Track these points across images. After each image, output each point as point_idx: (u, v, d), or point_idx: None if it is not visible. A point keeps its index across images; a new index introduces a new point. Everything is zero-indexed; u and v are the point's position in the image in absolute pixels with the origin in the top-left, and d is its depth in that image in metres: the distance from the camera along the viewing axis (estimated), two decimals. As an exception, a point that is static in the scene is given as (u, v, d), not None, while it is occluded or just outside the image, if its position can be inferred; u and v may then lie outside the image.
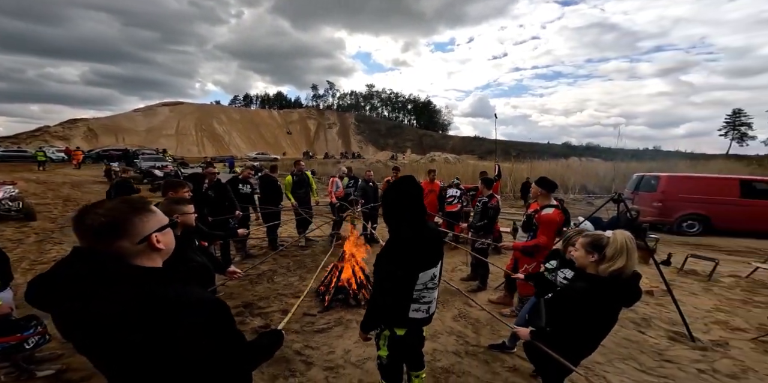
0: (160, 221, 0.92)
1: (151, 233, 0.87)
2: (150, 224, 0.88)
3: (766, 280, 4.54)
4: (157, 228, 0.89)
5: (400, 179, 1.63)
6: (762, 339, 2.93)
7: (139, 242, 0.85)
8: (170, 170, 14.98)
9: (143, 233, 0.86)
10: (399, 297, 1.57)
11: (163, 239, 0.90)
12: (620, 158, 19.97)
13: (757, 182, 8.04)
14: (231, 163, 24.95)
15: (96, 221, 0.81)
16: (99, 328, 0.76)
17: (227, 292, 3.81)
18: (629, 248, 1.53)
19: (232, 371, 0.93)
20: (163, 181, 6.02)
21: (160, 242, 0.89)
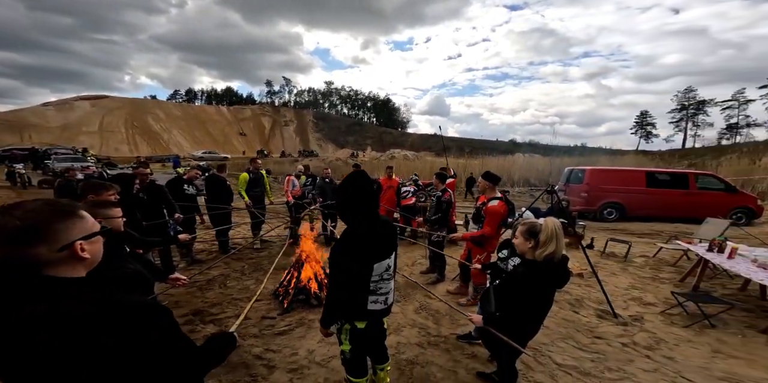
0: (88, 228, 0.85)
1: (74, 240, 0.79)
2: (75, 230, 0.81)
3: (669, 258, 5.36)
4: (83, 236, 0.82)
5: (353, 175, 1.66)
6: (668, 312, 3.42)
7: (60, 250, 0.77)
8: (93, 171, 13.23)
9: (66, 239, 0.78)
10: (356, 289, 1.60)
11: (89, 248, 0.83)
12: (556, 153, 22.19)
13: (658, 173, 9.47)
14: (176, 162, 22.83)
15: (10, 223, 0.72)
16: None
17: (171, 301, 3.54)
18: (558, 234, 1.74)
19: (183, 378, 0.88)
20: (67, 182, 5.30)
21: (85, 251, 0.81)
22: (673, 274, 4.64)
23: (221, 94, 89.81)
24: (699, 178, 9.04)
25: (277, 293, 3.63)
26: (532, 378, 2.36)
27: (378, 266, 1.61)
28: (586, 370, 2.46)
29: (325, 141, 74.47)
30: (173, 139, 58.75)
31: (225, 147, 58.25)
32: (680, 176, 9.18)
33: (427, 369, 2.45)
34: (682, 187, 8.84)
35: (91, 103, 57.12)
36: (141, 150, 48.10)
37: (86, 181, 2.40)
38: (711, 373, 2.46)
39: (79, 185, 2.22)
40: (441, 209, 4.23)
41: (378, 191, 6.36)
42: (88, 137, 48.37)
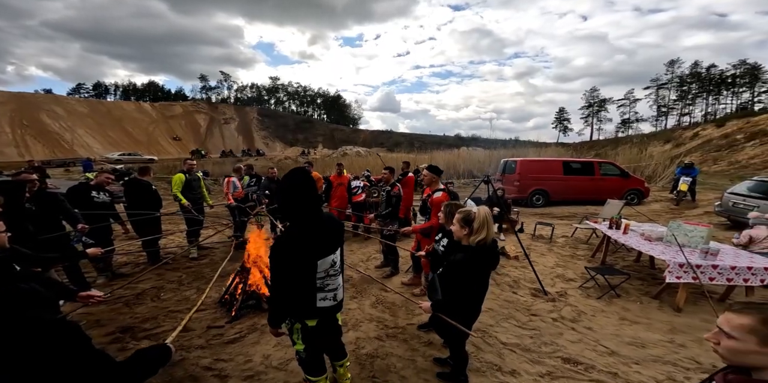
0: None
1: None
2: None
3: (582, 237, 6.22)
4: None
5: (293, 171, 1.63)
6: (584, 286, 3.89)
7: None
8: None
9: None
10: (301, 286, 1.59)
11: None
12: (494, 146, 24.09)
13: (572, 162, 10.89)
14: (87, 166, 19.51)
15: None
16: None
17: (91, 319, 3.13)
18: (488, 221, 1.92)
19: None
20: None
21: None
22: (586, 251, 5.40)
23: (142, 89, 79.34)
24: (602, 165, 10.60)
25: (223, 300, 3.41)
26: (482, 359, 2.56)
27: (322, 262, 1.60)
28: (527, 346, 2.75)
29: (272, 139, 70.32)
30: (79, 139, 50.18)
31: (151, 148, 51.69)
32: (587, 164, 10.67)
33: (387, 361, 2.53)
34: (589, 174, 10.30)
35: (-42, 96, 46.00)
36: (35, 153, 40.25)
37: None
38: (621, 339, 2.89)
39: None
40: (391, 204, 4.35)
41: (328, 188, 6.28)
42: (-44, 138, 39.01)
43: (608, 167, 10.70)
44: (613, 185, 10.00)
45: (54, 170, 20.12)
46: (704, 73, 51.82)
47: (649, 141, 26.74)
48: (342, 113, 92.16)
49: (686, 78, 53.71)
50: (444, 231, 2.61)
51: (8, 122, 45.97)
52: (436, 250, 2.58)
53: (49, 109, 52.44)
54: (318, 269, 1.59)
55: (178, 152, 52.59)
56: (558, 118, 70.76)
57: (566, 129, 69.95)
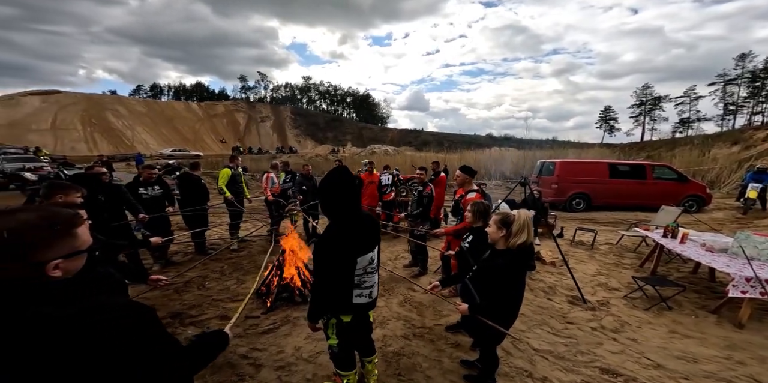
0: (77, 246, 0.77)
1: (51, 260, 0.71)
2: (60, 250, 0.73)
3: (630, 245, 5.78)
4: (65, 254, 0.74)
5: (336, 170, 1.68)
6: (630, 296, 3.66)
7: (29, 266, 0.69)
8: (48, 172, 12.28)
9: (44, 259, 0.70)
10: (340, 283, 1.64)
11: (65, 266, 0.74)
12: (529, 147, 23.01)
13: (619, 165, 10.11)
14: (139, 160, 21.52)
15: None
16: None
17: (148, 304, 3.41)
18: (528, 224, 1.87)
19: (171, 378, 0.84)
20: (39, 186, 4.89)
21: (58, 269, 0.73)
22: (633, 260, 5.01)
23: (191, 90, 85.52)
24: (655, 169, 9.74)
25: (260, 292, 3.59)
26: (512, 364, 2.49)
27: (361, 259, 1.65)
28: (561, 354, 2.63)
29: (303, 137, 72.83)
30: (138, 137, 55.27)
31: (197, 145, 55.66)
32: (638, 167, 9.85)
33: (413, 360, 2.54)
34: (640, 177, 9.49)
35: (41, 98, 52.42)
36: (102, 149, 44.87)
37: (51, 181, 2.25)
38: (669, 353, 2.68)
39: (43, 185, 2.08)
40: (422, 204, 4.33)
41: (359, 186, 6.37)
42: (39, 136, 44.52)
43: (663, 170, 9.82)
44: (667, 191, 9.16)
45: (117, 164, 22.35)
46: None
47: (713, 143, 24.10)
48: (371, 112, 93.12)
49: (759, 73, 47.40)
50: (471, 229, 2.62)
51: (80, 121, 51.75)
52: (462, 247, 2.56)
53: (114, 108, 58.28)
54: (357, 266, 1.64)
55: (220, 149, 56.09)
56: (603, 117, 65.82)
57: (612, 129, 64.91)
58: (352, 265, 1.63)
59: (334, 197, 1.64)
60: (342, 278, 1.63)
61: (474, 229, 2.62)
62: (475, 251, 2.43)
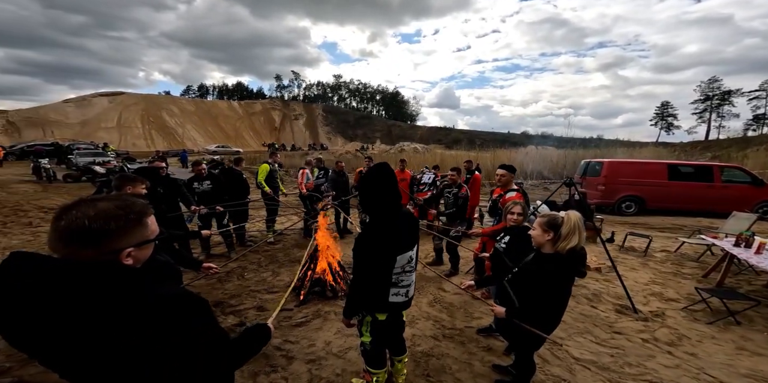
0: (147, 235, 0.80)
1: (125, 248, 0.75)
2: (132, 239, 0.77)
3: (691, 253, 5.20)
4: (136, 243, 0.78)
5: (377, 166, 1.66)
6: (691, 308, 3.33)
7: (105, 254, 0.73)
8: (114, 165, 13.65)
9: (118, 246, 0.74)
10: (379, 280, 1.62)
11: (136, 254, 0.78)
12: (570, 146, 21.54)
13: (681, 165, 9.14)
14: (184, 157, 23.18)
15: (77, 223, 0.69)
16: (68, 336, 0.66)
17: (194, 292, 3.66)
18: (580, 227, 1.71)
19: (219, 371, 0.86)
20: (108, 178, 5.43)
21: (130, 257, 0.77)
22: (695, 270, 4.50)
23: (232, 89, 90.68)
24: (724, 170, 8.67)
25: (294, 285, 3.70)
26: (549, 372, 2.35)
27: (401, 258, 1.62)
28: (605, 365, 2.44)
29: (334, 134, 74.49)
30: (187, 134, 59.85)
31: (237, 141, 59.02)
32: (704, 168, 8.82)
33: (442, 361, 2.47)
34: (706, 180, 8.50)
35: (108, 99, 58.48)
36: (157, 145, 49.29)
37: (122, 173, 2.49)
38: (735, 370, 2.39)
39: (114, 177, 2.31)
40: (457, 204, 4.21)
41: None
42: (106, 133, 49.76)
43: (733, 172, 8.72)
44: (739, 195, 8.12)
45: (170, 159, 24.31)
46: None
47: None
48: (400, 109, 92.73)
49: None
50: (507, 230, 2.51)
51: (140, 119, 57.03)
52: (497, 249, 2.44)
53: (168, 108, 63.48)
54: (396, 264, 1.61)
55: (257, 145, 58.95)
56: (659, 113, 59.85)
57: (671, 126, 58.86)
58: (391, 263, 1.60)
59: (375, 193, 1.62)
60: (380, 276, 1.61)
61: (510, 229, 2.49)
62: (513, 252, 2.31)
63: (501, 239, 2.51)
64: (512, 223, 2.50)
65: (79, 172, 13.71)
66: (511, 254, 2.31)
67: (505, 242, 2.45)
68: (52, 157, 18.09)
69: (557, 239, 1.74)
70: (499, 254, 2.45)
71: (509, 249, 2.36)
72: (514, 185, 3.34)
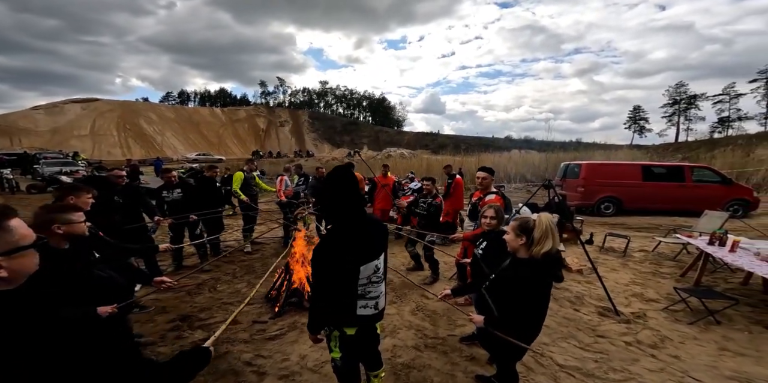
0: (12, 242, 0.73)
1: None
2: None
3: (668, 252, 5.30)
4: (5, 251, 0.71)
5: (338, 169, 1.55)
6: (671, 308, 3.32)
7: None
8: (83, 175, 13.01)
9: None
10: (342, 293, 1.50)
11: (9, 266, 0.71)
12: (551, 149, 22.09)
13: (654, 166, 9.44)
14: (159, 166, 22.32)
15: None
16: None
17: (158, 306, 3.43)
18: (552, 230, 1.64)
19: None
20: None
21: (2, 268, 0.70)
22: (673, 269, 4.56)
23: (215, 96, 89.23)
24: (695, 171, 9.01)
25: (270, 296, 3.52)
26: (533, 381, 2.27)
27: (365, 268, 1.49)
28: (590, 371, 2.37)
29: (320, 141, 74.14)
30: (167, 141, 58.17)
31: (220, 149, 57.86)
32: (676, 169, 9.15)
33: (424, 373, 2.35)
34: (678, 180, 8.80)
35: (81, 106, 56.34)
36: (134, 153, 47.55)
37: (65, 183, 2.29)
38: (719, 372, 2.37)
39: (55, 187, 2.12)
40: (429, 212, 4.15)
41: (372, 189, 6.25)
42: (79, 141, 47.80)
43: (704, 172, 9.07)
44: (710, 194, 8.42)
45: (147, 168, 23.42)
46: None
47: (758, 143, 22.26)
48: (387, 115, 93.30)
49: (807, 68, 43.73)
50: (484, 235, 2.44)
51: (115, 127, 55.10)
52: (475, 255, 2.37)
53: (146, 115, 61.71)
54: (360, 275, 1.49)
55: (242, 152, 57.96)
56: (633, 117, 62.64)
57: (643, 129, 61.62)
58: (354, 274, 1.48)
59: (335, 199, 1.50)
60: (343, 288, 1.49)
61: (486, 234, 2.42)
62: (490, 258, 2.24)
63: (479, 245, 2.43)
64: (487, 227, 2.43)
65: (44, 182, 13.01)
66: (487, 260, 2.24)
67: (482, 248, 2.37)
68: (15, 167, 17.09)
69: (531, 244, 1.67)
70: (477, 260, 2.37)
71: (486, 255, 2.29)
72: (493, 188, 3.30)
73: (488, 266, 2.22)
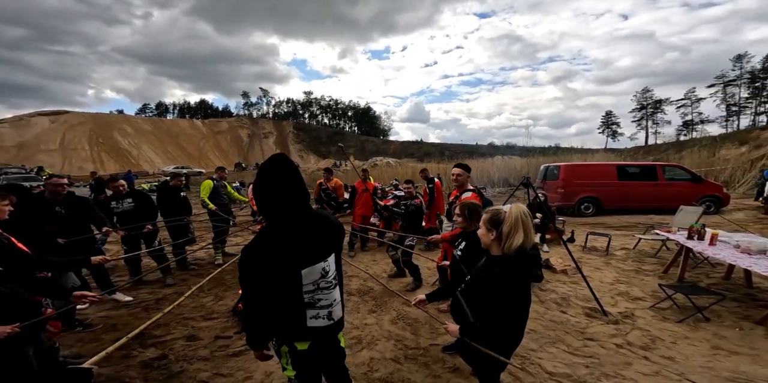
0: None
1: None
2: None
3: (648, 249, 5.30)
4: None
5: (272, 158, 1.32)
6: (658, 306, 3.23)
7: None
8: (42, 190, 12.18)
9: None
10: (284, 302, 1.26)
11: None
12: (532, 154, 22.74)
13: (627, 166, 9.70)
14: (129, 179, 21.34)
15: None
16: None
17: (108, 323, 3.10)
18: (524, 222, 1.46)
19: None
20: None
21: None
22: (655, 266, 4.53)
23: (195, 108, 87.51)
24: (666, 169, 9.28)
25: (237, 310, 3.23)
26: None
27: (308, 272, 1.26)
28: (581, 378, 2.20)
29: (306, 152, 73.47)
30: (144, 155, 56.15)
31: (201, 162, 56.34)
32: (648, 168, 9.42)
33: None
34: (651, 179, 9.04)
35: (50, 119, 53.84)
36: (108, 168, 45.54)
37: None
38: (717, 373, 2.23)
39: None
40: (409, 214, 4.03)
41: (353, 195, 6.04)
42: (48, 156, 45.50)
43: (675, 171, 9.36)
44: (682, 192, 8.65)
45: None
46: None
47: (721, 143, 23.58)
48: (372, 125, 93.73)
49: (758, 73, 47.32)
50: (463, 234, 2.28)
51: (87, 140, 52.82)
52: (455, 257, 2.19)
53: (121, 127, 59.56)
54: (304, 280, 1.26)
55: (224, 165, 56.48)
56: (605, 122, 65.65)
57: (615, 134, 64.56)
58: (295, 279, 1.24)
59: (269, 192, 1.26)
60: (284, 296, 1.25)
61: (466, 234, 2.25)
62: (470, 259, 2.06)
63: (458, 245, 2.26)
64: (458, 226, 2.27)
65: (2, 198, 12.06)
66: (467, 261, 2.07)
67: (461, 249, 2.20)
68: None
69: (501, 239, 1.50)
70: (456, 262, 2.19)
71: (465, 255, 2.11)
72: (470, 186, 3.16)
73: (468, 268, 2.05)
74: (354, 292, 3.86)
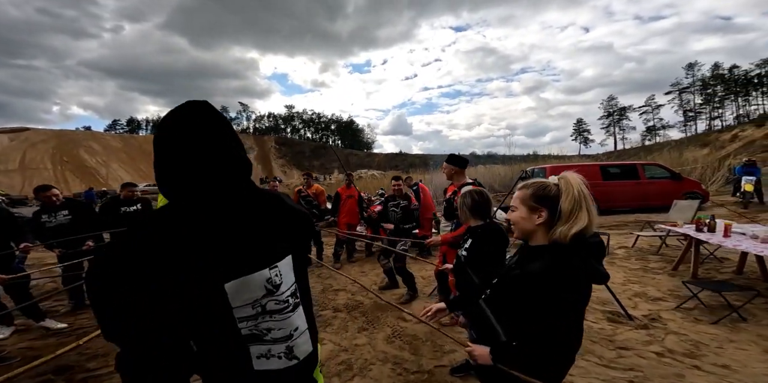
0: None
1: None
2: None
3: (647, 247, 5.10)
4: None
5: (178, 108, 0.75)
6: (684, 307, 2.94)
7: None
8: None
9: None
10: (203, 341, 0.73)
11: None
12: (513, 162, 23.36)
13: (610, 166, 9.76)
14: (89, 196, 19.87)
15: None
16: None
17: (30, 355, 2.51)
18: (586, 196, 1.06)
19: None
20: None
21: None
22: (661, 263, 4.28)
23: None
24: (647, 168, 9.40)
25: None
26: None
27: (239, 286, 0.69)
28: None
29: (289, 167, 72.35)
30: (113, 173, 53.31)
31: (175, 178, 54.12)
32: (629, 167, 9.50)
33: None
34: (633, 178, 9.11)
35: (9, 136, 50.50)
36: (73, 187, 42.74)
37: None
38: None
39: None
40: (413, 217, 3.70)
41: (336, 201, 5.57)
42: (6, 176, 42.42)
43: (655, 169, 9.49)
44: (664, 189, 8.73)
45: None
46: (728, 75, 49.66)
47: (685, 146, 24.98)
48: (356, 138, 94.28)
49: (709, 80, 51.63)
50: (470, 231, 1.87)
51: (50, 159, 49.74)
52: (459, 258, 1.80)
53: (87, 145, 56.66)
54: (232, 301, 0.69)
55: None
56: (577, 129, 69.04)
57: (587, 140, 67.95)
58: (215, 300, 0.67)
59: (169, 158, 0.72)
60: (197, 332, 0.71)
61: (473, 230, 1.85)
62: (478, 260, 1.67)
63: (464, 244, 1.85)
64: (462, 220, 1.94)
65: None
66: (474, 264, 1.67)
67: (466, 248, 1.79)
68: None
69: (554, 221, 1.09)
70: (462, 264, 1.77)
71: (472, 256, 1.71)
72: (469, 179, 2.80)
73: (477, 271, 1.64)
74: (341, 308, 3.35)
